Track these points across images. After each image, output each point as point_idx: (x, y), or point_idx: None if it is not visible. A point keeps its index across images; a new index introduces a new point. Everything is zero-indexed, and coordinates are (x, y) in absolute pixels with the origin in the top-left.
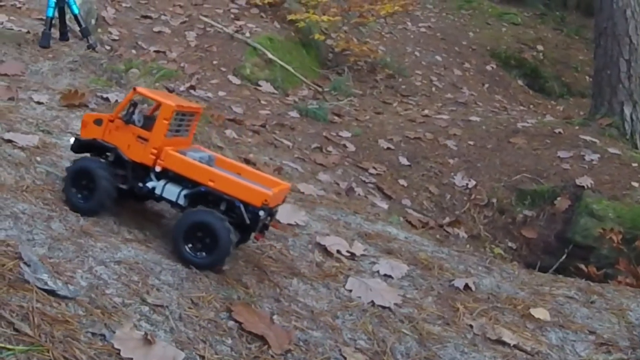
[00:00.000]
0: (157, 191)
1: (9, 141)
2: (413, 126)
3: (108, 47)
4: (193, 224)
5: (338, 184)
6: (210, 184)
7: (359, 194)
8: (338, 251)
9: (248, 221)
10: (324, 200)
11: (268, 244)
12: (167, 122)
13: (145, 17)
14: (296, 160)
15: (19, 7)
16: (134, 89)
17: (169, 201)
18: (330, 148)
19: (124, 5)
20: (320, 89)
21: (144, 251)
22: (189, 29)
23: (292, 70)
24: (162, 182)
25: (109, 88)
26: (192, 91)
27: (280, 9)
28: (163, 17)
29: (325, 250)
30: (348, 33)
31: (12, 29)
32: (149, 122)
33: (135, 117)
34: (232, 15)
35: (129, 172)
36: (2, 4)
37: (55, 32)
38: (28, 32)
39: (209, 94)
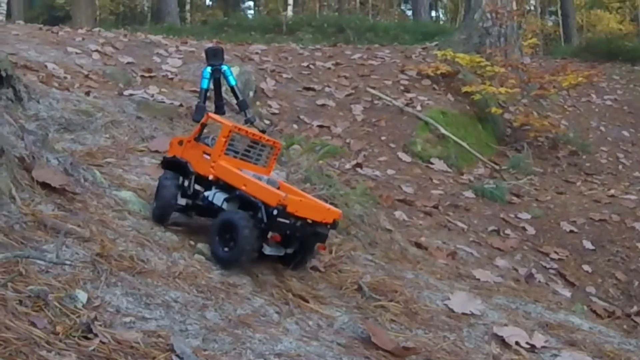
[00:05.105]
0: (210, 198)
1: None
2: (598, 207)
3: (267, 122)
4: (223, 222)
5: (517, 270)
6: (243, 187)
7: (539, 281)
8: (517, 343)
9: (265, 219)
10: (502, 287)
11: (441, 335)
12: (225, 140)
13: (308, 89)
14: (471, 244)
15: (171, 79)
16: (207, 114)
17: (217, 207)
18: (508, 231)
19: (284, 76)
20: (497, 167)
21: (306, 343)
22: (355, 102)
23: (467, 147)
24: (214, 191)
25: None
26: (358, 169)
27: (454, 80)
28: (327, 89)
29: (502, 342)
30: (528, 106)
31: (163, 102)
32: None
33: (209, 141)
34: (402, 87)
35: (193, 183)
36: (152, 74)
37: (210, 105)
38: (181, 106)
39: (377, 172)
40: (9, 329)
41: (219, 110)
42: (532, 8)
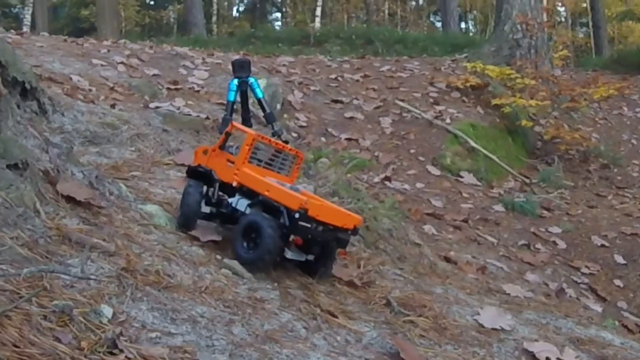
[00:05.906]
0: (233, 204)
1: (190, 237)
2: (630, 221)
3: (295, 135)
4: (247, 223)
5: (547, 285)
6: (266, 193)
7: (570, 296)
8: (547, 358)
9: (287, 223)
10: (532, 302)
11: (471, 350)
12: (248, 148)
13: (336, 101)
14: (501, 258)
15: (197, 91)
16: (232, 123)
17: (241, 213)
18: (538, 245)
19: (312, 88)
20: (527, 181)
21: (334, 358)
22: (383, 115)
23: (497, 160)
24: (238, 197)
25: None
26: (387, 182)
27: (484, 93)
28: (355, 102)
29: (533, 357)
30: (558, 119)
31: (189, 115)
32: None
33: (233, 150)
34: (431, 100)
35: (217, 191)
36: (178, 87)
37: (237, 118)
38: (207, 118)
39: (406, 186)
40: (34, 344)
41: (246, 123)
42: (563, 19)
